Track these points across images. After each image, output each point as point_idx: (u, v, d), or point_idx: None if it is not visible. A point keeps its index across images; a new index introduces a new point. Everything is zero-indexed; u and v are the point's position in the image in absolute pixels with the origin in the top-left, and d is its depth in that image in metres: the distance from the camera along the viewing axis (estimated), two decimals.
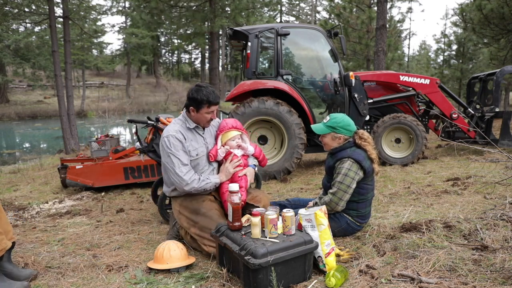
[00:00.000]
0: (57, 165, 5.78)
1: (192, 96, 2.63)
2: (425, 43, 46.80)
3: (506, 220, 2.70)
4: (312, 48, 5.74)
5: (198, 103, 2.62)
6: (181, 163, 2.57)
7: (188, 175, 2.57)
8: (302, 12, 39.73)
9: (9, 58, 22.92)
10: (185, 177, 2.55)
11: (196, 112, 2.66)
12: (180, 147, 2.60)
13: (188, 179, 2.56)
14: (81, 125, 19.19)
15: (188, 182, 2.56)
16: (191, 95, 2.64)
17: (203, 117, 2.69)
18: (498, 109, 6.10)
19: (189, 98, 2.66)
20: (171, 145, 2.58)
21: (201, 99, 2.61)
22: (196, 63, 45.71)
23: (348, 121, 2.69)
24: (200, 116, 2.68)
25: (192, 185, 2.57)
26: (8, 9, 11.42)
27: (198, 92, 2.62)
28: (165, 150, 2.61)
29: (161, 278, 2.27)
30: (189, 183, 2.56)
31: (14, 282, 2.14)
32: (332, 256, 2.21)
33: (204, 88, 2.64)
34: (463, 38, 17.53)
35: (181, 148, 2.60)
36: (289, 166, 5.20)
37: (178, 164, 2.56)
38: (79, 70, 31.39)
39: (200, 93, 2.61)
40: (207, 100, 2.62)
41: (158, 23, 21.63)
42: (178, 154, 2.57)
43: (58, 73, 9.96)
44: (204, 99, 2.61)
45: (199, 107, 2.64)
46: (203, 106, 2.64)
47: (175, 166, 2.56)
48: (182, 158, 2.58)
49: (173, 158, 2.57)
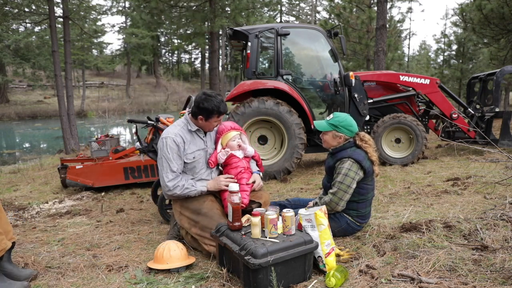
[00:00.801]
0: (57, 165, 5.78)
1: (202, 106, 2.60)
2: (425, 43, 46.83)
3: (506, 220, 2.70)
4: (312, 48, 5.74)
5: (208, 113, 2.62)
6: (170, 169, 2.57)
7: (173, 182, 2.57)
8: (302, 12, 39.72)
9: (9, 58, 22.93)
10: (169, 183, 2.57)
11: (205, 121, 2.67)
12: (175, 151, 2.60)
13: (171, 186, 2.57)
14: (81, 125, 19.19)
15: (171, 189, 2.58)
16: (202, 105, 2.60)
17: (211, 125, 2.71)
18: (498, 109, 6.10)
19: (199, 107, 2.62)
20: (168, 148, 2.59)
21: (212, 109, 2.60)
22: (196, 63, 45.71)
23: (350, 122, 2.69)
24: (208, 124, 2.70)
25: (175, 191, 2.59)
26: (8, 9, 11.43)
27: (209, 101, 2.59)
28: (160, 150, 2.63)
29: (161, 278, 2.27)
30: (171, 189, 2.58)
31: (14, 282, 2.14)
32: (332, 256, 2.21)
33: (213, 98, 2.61)
34: (463, 38, 17.53)
35: (176, 152, 2.61)
36: (289, 166, 5.21)
37: (167, 169, 2.58)
38: (79, 70, 31.41)
39: (210, 103, 2.59)
40: (218, 110, 2.62)
41: (158, 23, 21.63)
42: (171, 158, 2.58)
43: (58, 73, 9.97)
44: (215, 109, 2.61)
45: (209, 117, 2.64)
46: (213, 116, 2.64)
47: (164, 170, 2.59)
48: (173, 164, 2.58)
49: (164, 161, 2.59)
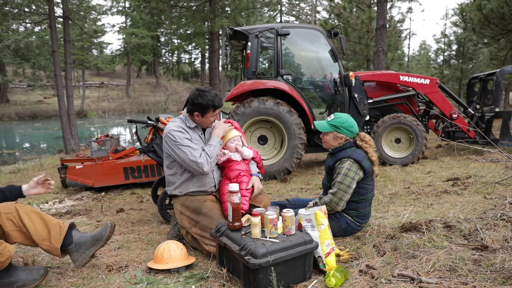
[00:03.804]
0: (57, 165, 5.78)
1: (197, 102, 2.61)
2: (425, 43, 46.83)
3: (506, 220, 2.70)
4: (312, 48, 5.74)
5: (203, 108, 2.63)
6: (192, 149, 2.58)
7: (201, 158, 2.57)
8: (302, 12, 39.72)
9: (9, 58, 22.94)
10: (200, 160, 2.56)
11: (202, 117, 2.68)
12: (184, 137, 2.62)
13: (203, 161, 2.56)
14: (81, 125, 19.19)
15: (205, 164, 2.57)
16: (196, 101, 2.61)
17: (208, 120, 2.72)
18: (498, 109, 6.10)
19: (194, 104, 2.63)
20: (176, 137, 2.60)
21: (206, 104, 2.61)
22: (196, 63, 45.73)
23: (351, 122, 2.69)
24: (205, 120, 2.70)
25: (209, 166, 2.59)
26: (8, 9, 11.44)
27: (203, 97, 2.60)
28: (171, 144, 2.62)
29: (161, 278, 2.27)
30: (205, 164, 2.57)
31: (32, 267, 2.21)
32: (332, 256, 2.21)
33: (207, 92, 2.63)
34: (463, 38, 17.53)
35: (186, 137, 2.63)
36: (289, 166, 5.20)
37: (190, 151, 2.57)
38: (79, 70, 31.44)
39: (205, 98, 2.60)
40: (213, 104, 2.63)
41: (158, 23, 21.62)
42: (186, 142, 2.59)
43: (58, 73, 9.97)
44: (210, 104, 2.62)
45: (205, 112, 2.65)
46: (209, 111, 2.65)
47: (188, 154, 2.56)
48: (191, 145, 2.60)
49: (183, 148, 2.58)
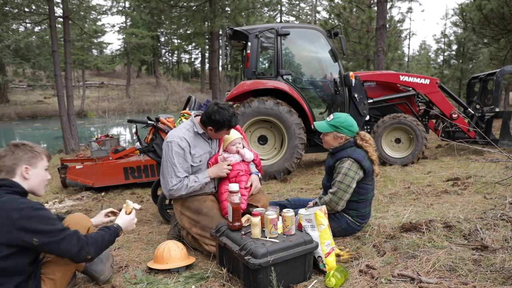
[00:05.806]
0: (57, 165, 5.78)
1: (214, 119, 2.55)
2: (425, 43, 46.74)
3: (506, 220, 2.70)
4: (312, 48, 5.74)
5: (219, 125, 2.58)
6: (175, 174, 2.56)
7: (177, 185, 2.56)
8: (302, 12, 39.70)
9: (9, 58, 22.92)
10: (174, 187, 2.56)
11: (215, 132, 2.64)
12: (181, 155, 2.58)
13: (176, 188, 2.56)
14: (81, 125, 19.18)
15: (176, 191, 2.56)
16: (213, 117, 2.54)
17: (219, 135, 2.71)
18: (498, 109, 6.10)
19: (210, 119, 2.57)
20: (173, 153, 2.57)
21: (223, 122, 2.57)
22: (196, 63, 45.73)
23: (351, 122, 2.69)
24: (217, 135, 2.69)
25: (180, 193, 2.58)
26: (8, 9, 11.43)
27: (221, 114, 2.54)
28: (165, 155, 2.61)
29: (161, 278, 2.27)
30: (176, 191, 2.56)
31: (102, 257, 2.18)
32: (332, 256, 2.21)
33: (226, 110, 2.55)
34: (463, 38, 17.52)
35: (182, 156, 2.59)
36: (289, 166, 5.20)
37: (172, 174, 2.56)
38: (79, 70, 31.42)
39: (222, 116, 2.54)
40: (229, 124, 2.60)
41: (158, 23, 21.60)
42: (176, 163, 2.56)
43: (58, 73, 9.97)
44: (226, 123, 2.58)
45: (219, 129, 2.62)
46: (223, 129, 2.62)
47: (169, 174, 2.57)
48: (178, 169, 2.56)
49: (169, 166, 2.57)
